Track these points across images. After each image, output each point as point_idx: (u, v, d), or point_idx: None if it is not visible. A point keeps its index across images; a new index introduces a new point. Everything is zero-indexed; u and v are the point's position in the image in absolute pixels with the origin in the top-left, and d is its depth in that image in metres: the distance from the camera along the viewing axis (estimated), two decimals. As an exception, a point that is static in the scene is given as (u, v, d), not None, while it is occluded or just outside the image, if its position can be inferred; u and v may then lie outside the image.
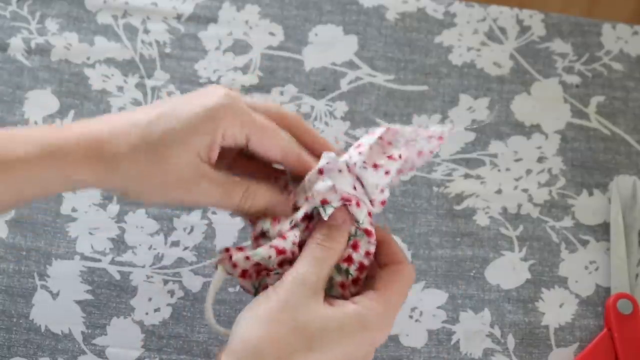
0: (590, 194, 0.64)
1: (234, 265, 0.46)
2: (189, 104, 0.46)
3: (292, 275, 0.44)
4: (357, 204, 0.47)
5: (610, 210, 0.62)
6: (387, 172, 0.48)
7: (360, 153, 0.48)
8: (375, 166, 0.48)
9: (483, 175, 0.64)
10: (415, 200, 0.62)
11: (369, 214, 0.48)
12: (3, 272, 0.58)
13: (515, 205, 0.63)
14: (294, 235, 0.46)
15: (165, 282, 0.59)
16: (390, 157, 0.49)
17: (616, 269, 0.60)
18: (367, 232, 0.47)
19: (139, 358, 0.57)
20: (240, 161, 0.50)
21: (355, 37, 0.68)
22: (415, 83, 0.67)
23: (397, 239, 0.60)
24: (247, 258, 0.46)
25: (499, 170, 0.64)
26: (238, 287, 0.59)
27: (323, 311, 0.43)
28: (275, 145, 0.47)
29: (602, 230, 0.62)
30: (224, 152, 0.48)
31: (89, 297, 0.58)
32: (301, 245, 0.47)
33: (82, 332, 0.57)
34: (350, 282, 0.47)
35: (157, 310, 0.58)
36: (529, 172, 0.64)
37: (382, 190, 0.48)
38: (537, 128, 0.66)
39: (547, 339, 0.59)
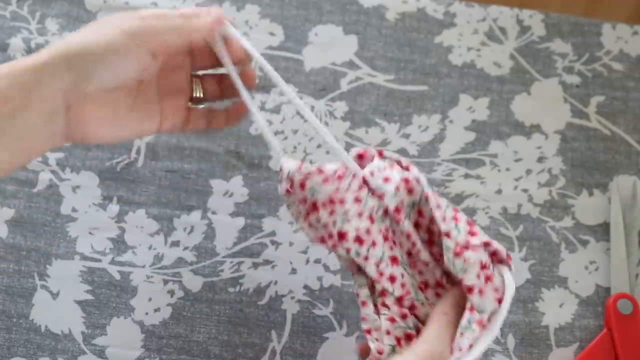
0: (590, 194, 0.64)
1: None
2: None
3: (428, 350, 0.44)
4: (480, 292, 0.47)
5: (610, 210, 0.62)
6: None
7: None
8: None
9: (483, 175, 0.64)
10: (415, 200, 0.62)
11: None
12: (3, 272, 0.58)
13: (515, 205, 0.63)
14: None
15: (165, 282, 0.59)
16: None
17: (616, 269, 0.60)
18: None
19: (139, 358, 0.57)
20: None
21: (355, 37, 0.68)
22: (415, 83, 0.67)
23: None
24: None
25: (499, 170, 0.64)
26: (238, 287, 0.59)
27: None
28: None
29: (602, 230, 0.62)
30: None
31: (89, 297, 0.58)
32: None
33: (82, 332, 0.57)
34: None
35: (157, 310, 0.58)
36: (529, 172, 0.64)
37: None
38: (537, 128, 0.66)
39: (547, 339, 0.59)
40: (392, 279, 0.47)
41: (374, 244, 0.47)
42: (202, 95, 0.54)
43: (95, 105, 0.47)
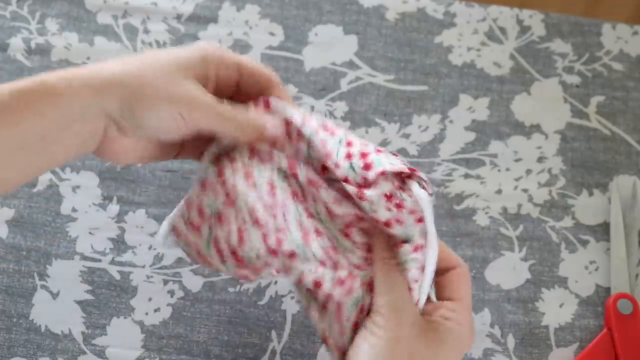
0: (590, 194, 0.64)
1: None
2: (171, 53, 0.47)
3: (390, 305, 0.44)
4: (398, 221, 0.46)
5: (610, 210, 0.62)
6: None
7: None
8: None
9: (483, 175, 0.64)
10: (415, 200, 0.62)
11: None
12: (3, 272, 0.58)
13: (515, 205, 0.63)
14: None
15: (165, 282, 0.59)
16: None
17: (616, 269, 0.60)
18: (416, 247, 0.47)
19: (139, 358, 0.57)
20: None
21: (355, 37, 0.68)
22: (415, 83, 0.67)
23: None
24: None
25: (499, 170, 0.64)
26: (238, 287, 0.59)
27: (428, 334, 0.44)
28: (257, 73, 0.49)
29: (602, 230, 0.62)
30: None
31: (89, 297, 0.58)
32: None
33: (82, 332, 0.57)
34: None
35: (157, 310, 0.58)
36: (529, 172, 0.64)
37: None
38: (537, 128, 0.66)
39: (547, 339, 0.59)
40: (317, 232, 0.46)
41: (285, 212, 0.46)
42: None
43: (127, 141, 0.47)
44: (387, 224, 0.45)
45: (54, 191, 0.61)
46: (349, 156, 0.46)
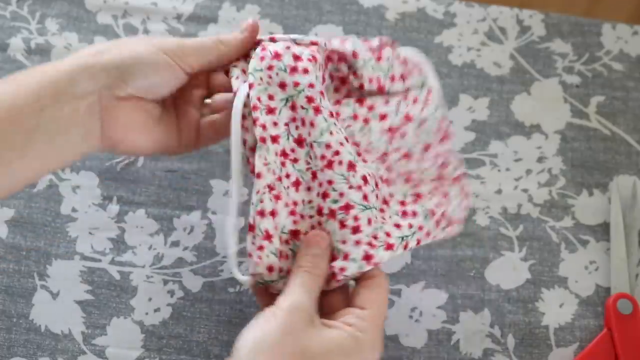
0: (590, 194, 0.64)
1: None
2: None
3: (288, 302, 0.44)
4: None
5: (610, 210, 0.62)
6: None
7: None
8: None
9: (483, 175, 0.64)
10: (415, 200, 0.62)
11: None
12: (3, 272, 0.58)
13: (515, 205, 0.63)
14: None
15: (165, 282, 0.59)
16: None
17: (616, 269, 0.60)
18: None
19: (139, 358, 0.57)
20: None
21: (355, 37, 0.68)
22: (415, 83, 0.67)
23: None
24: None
25: (499, 170, 0.64)
26: (238, 287, 0.59)
27: (323, 333, 0.44)
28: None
29: (602, 230, 0.62)
30: None
31: (89, 297, 0.58)
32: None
33: (82, 332, 0.57)
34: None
35: (157, 310, 0.58)
36: (529, 172, 0.64)
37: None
38: (537, 128, 0.66)
39: (547, 339, 0.59)
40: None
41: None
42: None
43: (127, 109, 0.48)
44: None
45: (54, 191, 0.61)
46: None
